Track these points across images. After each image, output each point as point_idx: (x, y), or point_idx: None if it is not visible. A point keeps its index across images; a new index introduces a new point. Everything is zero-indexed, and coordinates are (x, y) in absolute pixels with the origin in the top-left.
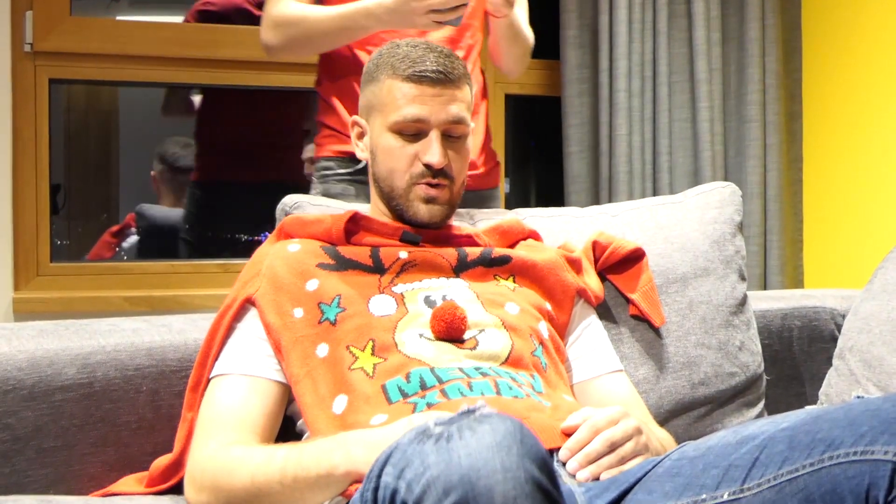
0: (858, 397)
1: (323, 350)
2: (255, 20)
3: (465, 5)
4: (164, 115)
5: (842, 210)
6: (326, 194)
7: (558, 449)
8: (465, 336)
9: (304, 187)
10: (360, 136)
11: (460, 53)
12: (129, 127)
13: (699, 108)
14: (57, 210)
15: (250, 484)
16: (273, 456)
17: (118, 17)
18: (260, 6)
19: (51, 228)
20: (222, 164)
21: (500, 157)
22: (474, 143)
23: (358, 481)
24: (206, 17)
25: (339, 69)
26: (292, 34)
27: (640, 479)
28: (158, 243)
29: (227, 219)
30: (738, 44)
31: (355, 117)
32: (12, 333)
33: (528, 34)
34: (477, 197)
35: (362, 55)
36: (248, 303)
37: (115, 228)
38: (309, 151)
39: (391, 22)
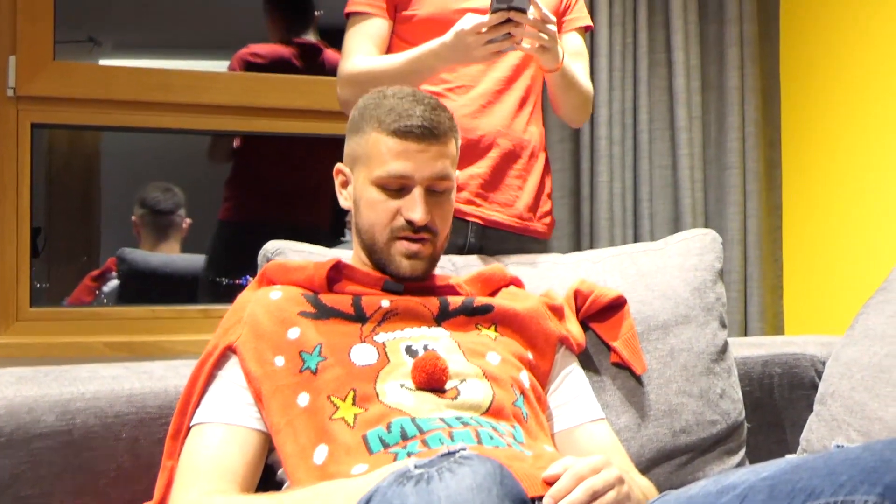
0: (838, 446)
1: (304, 399)
2: (298, 73)
3: (513, 36)
4: (209, 160)
5: (822, 256)
6: None
7: (540, 498)
8: (447, 386)
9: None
10: (344, 184)
11: (518, 94)
12: (110, 171)
13: (679, 156)
14: (37, 253)
15: None
16: None
17: (101, 62)
18: (304, 59)
19: (30, 272)
20: (245, 207)
21: None
22: (526, 189)
23: None
24: (252, 69)
25: None
26: (366, 88)
27: None
28: (139, 288)
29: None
30: (718, 92)
31: (339, 165)
32: None
33: (586, 84)
34: (518, 240)
35: None
36: (230, 350)
37: (95, 272)
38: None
39: (452, 59)
